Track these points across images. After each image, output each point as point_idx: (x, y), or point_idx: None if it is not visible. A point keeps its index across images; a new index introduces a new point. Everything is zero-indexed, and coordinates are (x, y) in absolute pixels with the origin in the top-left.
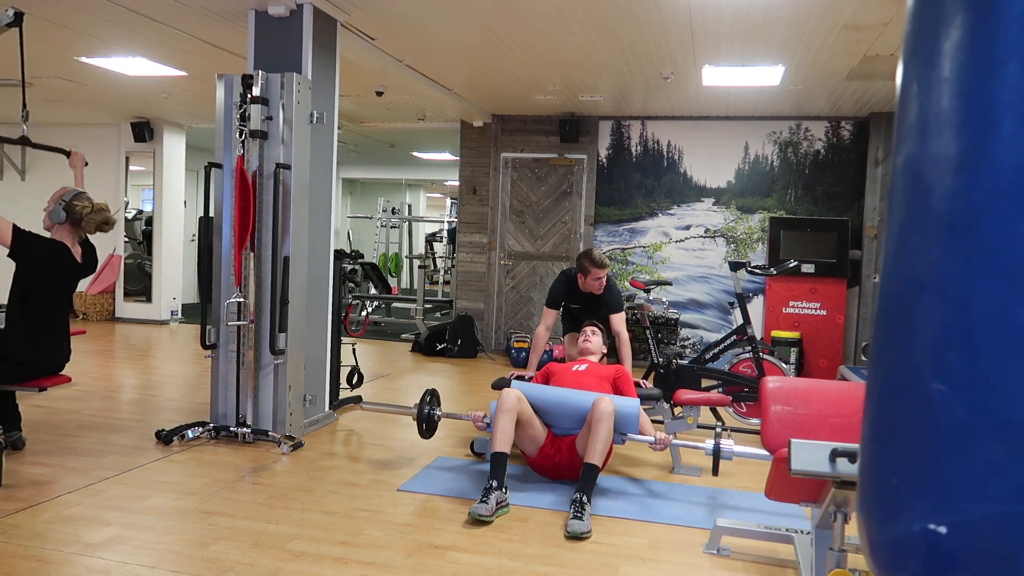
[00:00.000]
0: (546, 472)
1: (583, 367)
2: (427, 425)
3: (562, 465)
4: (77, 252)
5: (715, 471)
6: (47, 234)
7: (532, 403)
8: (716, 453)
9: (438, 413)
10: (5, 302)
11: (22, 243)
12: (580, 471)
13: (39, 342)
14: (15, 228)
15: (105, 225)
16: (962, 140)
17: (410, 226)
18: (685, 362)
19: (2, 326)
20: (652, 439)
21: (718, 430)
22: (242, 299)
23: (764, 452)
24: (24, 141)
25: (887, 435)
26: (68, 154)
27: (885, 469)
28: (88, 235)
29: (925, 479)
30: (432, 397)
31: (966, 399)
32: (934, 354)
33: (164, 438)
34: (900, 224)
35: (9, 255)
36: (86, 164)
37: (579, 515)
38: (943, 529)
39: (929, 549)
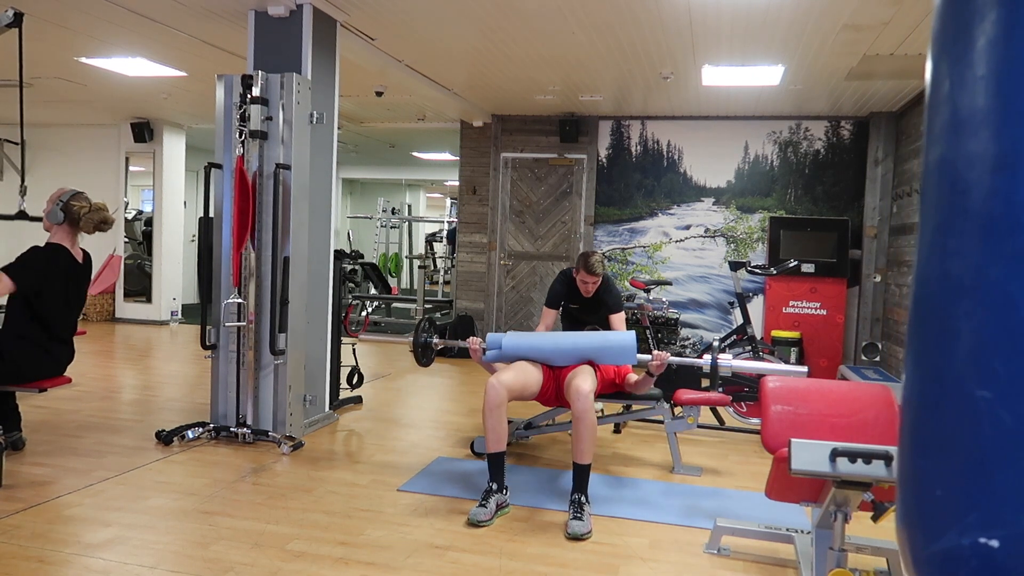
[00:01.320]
0: (551, 402)
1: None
2: (423, 351)
3: (558, 393)
4: (78, 253)
5: (713, 384)
6: (42, 239)
7: (526, 354)
8: (714, 368)
9: (434, 340)
10: (6, 303)
11: (22, 275)
12: (567, 403)
13: (41, 342)
14: (10, 273)
15: (103, 224)
16: (1002, 139)
17: (410, 226)
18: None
19: (2, 326)
20: (649, 357)
21: (715, 344)
22: (241, 300)
23: (760, 365)
24: (22, 216)
25: (930, 445)
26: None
27: (930, 481)
28: (87, 234)
29: (973, 491)
30: (429, 324)
31: (1014, 406)
32: (978, 360)
33: (164, 438)
34: (935, 226)
35: (24, 292)
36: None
37: (579, 515)
38: (995, 543)
39: (981, 563)
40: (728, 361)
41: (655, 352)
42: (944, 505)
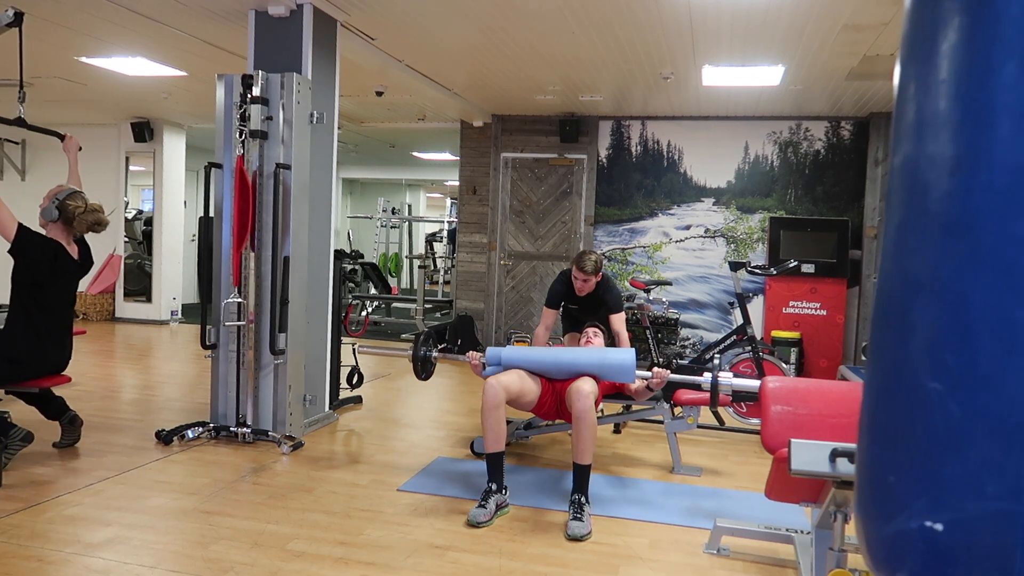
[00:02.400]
0: (549, 415)
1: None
2: (423, 365)
3: (558, 406)
4: (73, 250)
5: (713, 404)
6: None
7: (525, 365)
8: (714, 386)
9: (434, 354)
10: (7, 302)
11: (23, 240)
12: (570, 416)
13: (40, 342)
14: (20, 225)
15: (97, 226)
16: (959, 141)
17: (410, 226)
18: (685, 362)
19: (2, 326)
20: (649, 375)
21: (715, 362)
22: (241, 299)
23: (757, 383)
24: (20, 123)
25: (884, 434)
26: (63, 138)
27: (883, 468)
28: (82, 234)
29: (922, 477)
30: (429, 338)
31: (962, 398)
32: (931, 353)
33: (164, 438)
34: (897, 224)
35: (9, 251)
36: (80, 149)
37: (579, 516)
38: (940, 527)
39: (926, 546)
40: (729, 379)
41: (655, 370)
42: (896, 491)
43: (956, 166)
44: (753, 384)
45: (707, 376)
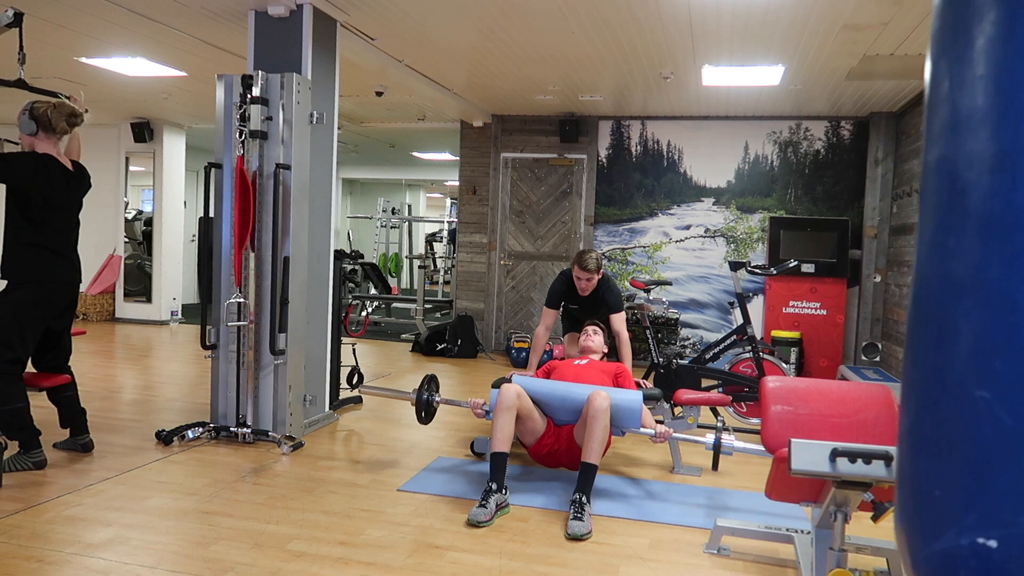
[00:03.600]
0: (544, 460)
1: (584, 361)
2: (426, 412)
3: (560, 454)
4: (66, 161)
5: (715, 466)
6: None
7: (532, 396)
8: (716, 448)
9: (437, 399)
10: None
11: (9, 158)
12: (577, 460)
13: (53, 257)
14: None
15: (73, 118)
16: (1001, 138)
17: (410, 226)
18: (685, 362)
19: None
20: (653, 432)
21: (719, 425)
22: (242, 299)
23: (763, 448)
24: (21, 84)
25: (929, 445)
26: (68, 98)
27: (928, 481)
28: (65, 135)
29: (972, 491)
30: (431, 383)
31: (1013, 406)
32: (978, 360)
33: (164, 438)
34: (935, 226)
35: (2, 179)
36: (86, 111)
37: (579, 516)
38: (993, 543)
39: (979, 563)
40: (731, 442)
41: (658, 430)
42: (943, 505)
43: (997, 164)
44: (756, 448)
45: (710, 437)
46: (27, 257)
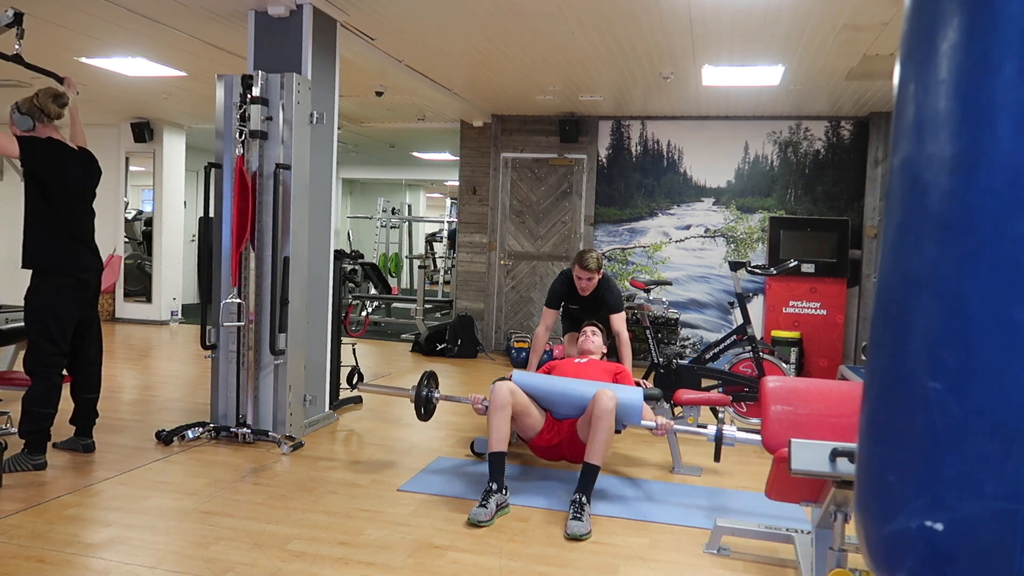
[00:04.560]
0: (544, 454)
1: (584, 360)
2: (425, 408)
3: (562, 447)
4: (74, 148)
5: (717, 457)
6: None
7: (532, 392)
8: (718, 439)
9: (436, 395)
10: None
11: (30, 146)
12: (579, 453)
13: (71, 243)
14: (18, 137)
15: (58, 99)
16: (959, 140)
17: (410, 226)
18: (685, 362)
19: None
20: (653, 424)
21: (721, 416)
22: (240, 300)
23: (759, 437)
24: (18, 59)
25: (884, 433)
26: (61, 80)
27: (882, 467)
28: (59, 118)
29: (921, 477)
30: (430, 379)
31: (962, 397)
32: (930, 352)
33: (164, 438)
34: (897, 224)
35: (23, 166)
36: (77, 93)
37: (579, 516)
38: (939, 526)
39: (926, 546)
40: (732, 433)
41: (659, 422)
42: (895, 490)
43: (956, 166)
44: (755, 438)
45: (711, 429)
46: (55, 247)
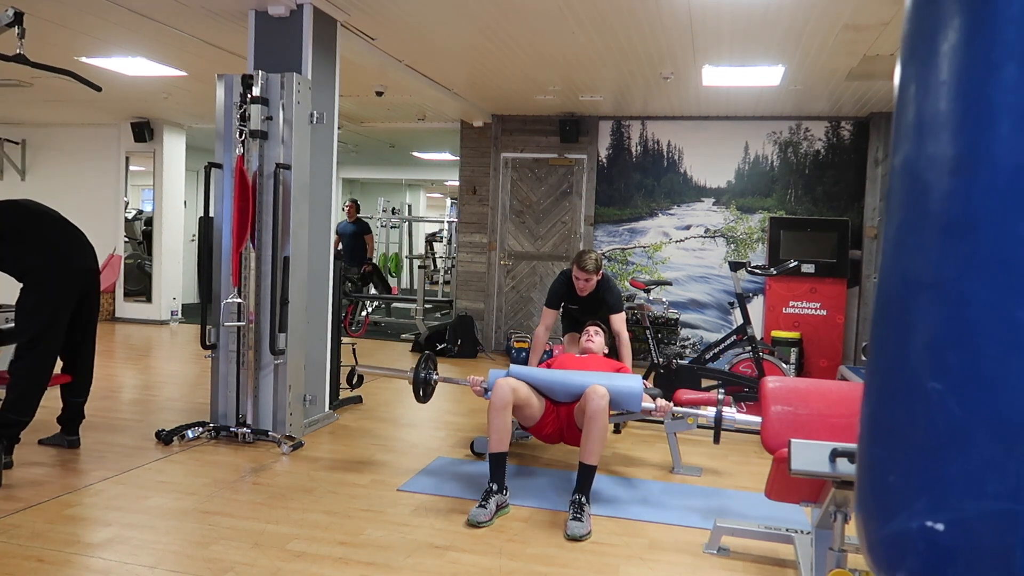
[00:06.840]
0: (545, 438)
1: (585, 355)
2: (424, 390)
3: (561, 430)
4: None
5: (716, 439)
6: None
7: (531, 382)
8: (718, 421)
9: (435, 377)
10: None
11: None
12: (578, 438)
13: (68, 243)
14: None
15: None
16: (960, 141)
17: (410, 226)
18: (685, 362)
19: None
20: (652, 406)
21: (720, 397)
22: (241, 299)
23: (759, 419)
24: (20, 59)
25: (885, 433)
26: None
27: (883, 467)
28: None
29: (923, 477)
30: (428, 361)
31: (963, 398)
32: (932, 353)
33: (164, 438)
34: (898, 224)
35: None
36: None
37: (578, 516)
38: (940, 527)
39: (927, 546)
40: (732, 414)
41: (658, 404)
42: (896, 491)
43: (956, 166)
44: (755, 420)
45: (711, 410)
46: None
